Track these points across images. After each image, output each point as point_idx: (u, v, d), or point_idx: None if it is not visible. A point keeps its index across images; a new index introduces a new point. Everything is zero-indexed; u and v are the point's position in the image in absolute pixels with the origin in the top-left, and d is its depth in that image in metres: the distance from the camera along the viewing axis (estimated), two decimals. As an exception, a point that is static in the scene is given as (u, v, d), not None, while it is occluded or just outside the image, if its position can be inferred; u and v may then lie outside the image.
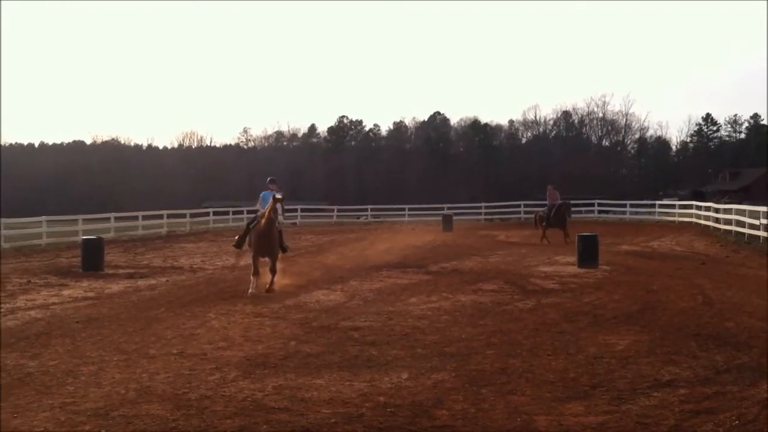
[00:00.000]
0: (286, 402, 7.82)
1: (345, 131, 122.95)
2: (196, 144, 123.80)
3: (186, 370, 9.26)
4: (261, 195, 17.17)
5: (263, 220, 16.15)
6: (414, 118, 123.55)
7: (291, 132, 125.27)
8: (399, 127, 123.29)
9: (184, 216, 44.99)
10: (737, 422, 6.86)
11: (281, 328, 12.06)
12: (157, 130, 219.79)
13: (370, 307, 14.27)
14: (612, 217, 49.95)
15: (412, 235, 36.40)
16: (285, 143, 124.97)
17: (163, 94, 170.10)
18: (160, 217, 42.13)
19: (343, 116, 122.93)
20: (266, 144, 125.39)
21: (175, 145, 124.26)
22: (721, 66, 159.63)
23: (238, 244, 17.58)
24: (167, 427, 7.05)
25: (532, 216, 35.79)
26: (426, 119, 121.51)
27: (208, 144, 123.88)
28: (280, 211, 16.03)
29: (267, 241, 16.21)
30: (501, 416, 7.23)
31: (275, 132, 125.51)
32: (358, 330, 11.85)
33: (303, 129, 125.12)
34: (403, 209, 54.51)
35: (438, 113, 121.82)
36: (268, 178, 17.69)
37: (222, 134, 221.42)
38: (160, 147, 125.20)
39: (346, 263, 22.84)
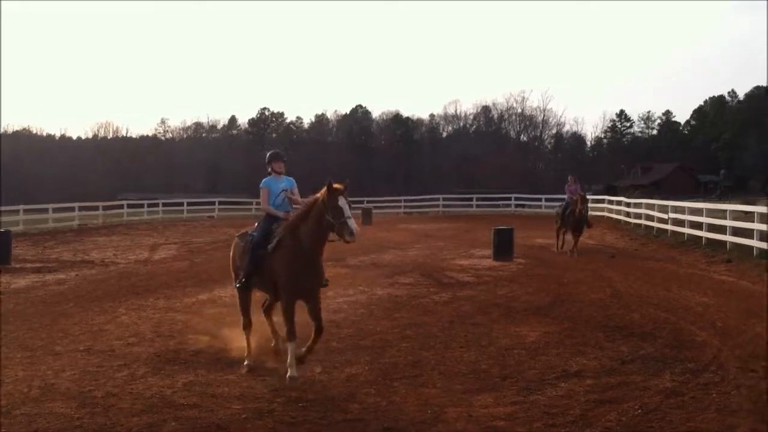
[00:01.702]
0: (196, 398, 7.70)
1: (266, 123, 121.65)
2: (111, 135, 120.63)
3: (93, 367, 9.03)
4: (264, 184, 9.44)
5: (303, 235, 8.44)
6: (336, 110, 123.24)
7: (210, 123, 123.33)
8: (321, 119, 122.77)
9: (97, 209, 43.79)
10: (640, 411, 7.06)
11: (194, 323, 11.86)
12: (71, 120, 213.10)
13: (285, 301, 14.15)
14: (528, 210, 50.87)
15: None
16: (204, 135, 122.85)
17: (78, 83, 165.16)
18: (72, 209, 40.87)
19: (264, 108, 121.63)
20: (185, 136, 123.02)
21: (90, 135, 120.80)
22: (636, 64, 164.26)
23: (246, 283, 9.18)
24: (71, 425, 6.86)
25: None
26: (348, 112, 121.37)
27: (125, 135, 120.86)
28: (346, 211, 8.07)
29: (312, 272, 8.60)
30: (412, 409, 7.28)
31: (194, 123, 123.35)
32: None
33: (223, 121, 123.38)
34: (324, 202, 54.21)
35: (360, 106, 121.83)
36: (270, 154, 9.64)
37: (139, 125, 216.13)
38: (74, 137, 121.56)
39: (263, 257, 22.60)
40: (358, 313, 12.73)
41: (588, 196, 25.33)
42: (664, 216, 28.65)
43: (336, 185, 8.20)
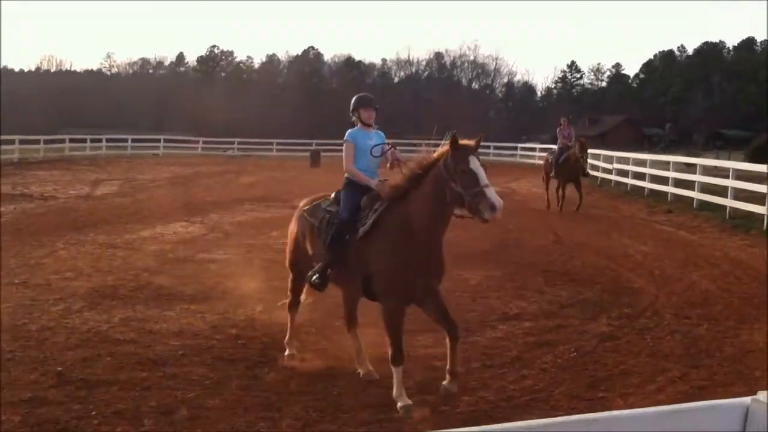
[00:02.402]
0: (133, 334, 7.60)
1: (215, 62, 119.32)
2: (55, 68, 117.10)
3: (28, 300, 8.85)
4: (351, 138, 6.88)
5: (415, 212, 6.15)
6: (287, 52, 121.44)
7: (157, 60, 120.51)
8: (272, 60, 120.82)
9: (38, 142, 42.60)
10: (575, 354, 7.18)
11: (134, 259, 11.69)
12: (12, 52, 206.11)
13: (230, 239, 14.05)
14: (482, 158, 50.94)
15: (279, 170, 36.04)
16: (151, 71, 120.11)
17: (19, 13, 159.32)
18: (12, 142, 39.63)
19: (213, 46, 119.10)
20: (131, 71, 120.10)
21: (33, 68, 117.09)
22: (586, 17, 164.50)
23: (323, 280, 6.77)
24: (2, 358, 6.70)
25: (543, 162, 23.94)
26: (300, 54, 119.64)
27: (68, 69, 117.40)
28: (482, 177, 5.77)
29: (428, 264, 6.29)
30: (351, 348, 7.27)
31: (140, 59, 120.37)
32: (216, 262, 11.66)
33: (170, 57, 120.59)
34: (271, 144, 53.80)
35: (312, 48, 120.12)
36: (358, 98, 7.11)
37: (83, 59, 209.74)
38: (16, 70, 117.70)
39: (208, 196, 22.36)
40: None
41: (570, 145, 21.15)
42: (609, 167, 29.04)
43: (464, 141, 5.93)
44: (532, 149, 49.82)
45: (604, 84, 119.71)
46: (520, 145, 52.59)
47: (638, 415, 2.18)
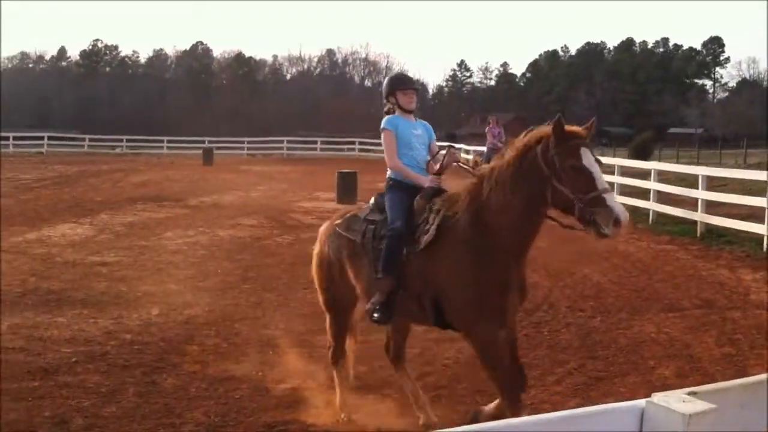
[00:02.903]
0: (22, 341, 7.26)
1: (99, 56, 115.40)
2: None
3: None
4: (389, 125, 5.56)
5: (496, 218, 4.81)
6: (175, 46, 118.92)
7: (38, 54, 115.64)
8: (159, 55, 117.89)
9: None
10: (476, 348, 7.27)
11: (20, 263, 11.17)
12: None
13: (121, 241, 13.62)
14: (373, 155, 51.19)
15: (171, 168, 35.22)
16: (31, 65, 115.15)
17: None
18: None
19: (96, 40, 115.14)
20: (9, 65, 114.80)
21: None
22: (475, 18, 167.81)
23: (387, 312, 5.19)
24: None
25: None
26: (188, 49, 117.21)
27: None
28: (599, 180, 4.49)
29: (511, 283, 4.90)
30: (254, 350, 7.18)
31: (20, 53, 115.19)
32: (107, 265, 11.28)
33: (51, 51, 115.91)
34: (162, 141, 52.52)
35: (200, 43, 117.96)
36: (393, 78, 5.89)
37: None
38: None
39: (96, 195, 21.62)
40: (198, 254, 12.41)
41: None
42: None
43: (571, 128, 4.70)
44: (425, 147, 50.28)
45: (492, 83, 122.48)
46: (413, 142, 52.88)
47: (533, 421, 2.19)
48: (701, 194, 14.87)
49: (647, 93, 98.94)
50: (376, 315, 5.15)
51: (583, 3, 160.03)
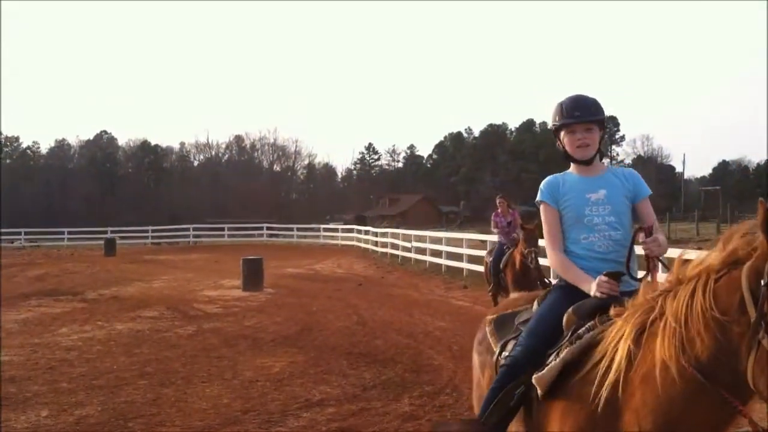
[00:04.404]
0: None
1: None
2: None
3: None
4: (546, 195, 3.83)
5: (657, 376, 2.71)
6: (78, 136, 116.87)
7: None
8: (61, 144, 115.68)
9: None
10: (378, 437, 7.13)
11: None
12: None
13: (12, 339, 12.97)
14: (281, 240, 51.02)
15: (71, 260, 34.14)
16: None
17: None
18: None
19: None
20: None
21: None
22: (381, 102, 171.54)
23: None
24: None
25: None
26: (92, 138, 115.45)
27: None
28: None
29: None
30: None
31: None
32: (-5, 365, 10.67)
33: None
34: (63, 233, 51.09)
35: (105, 132, 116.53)
36: (569, 102, 3.75)
37: None
38: None
39: (-13, 292, 20.68)
40: (93, 350, 11.90)
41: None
42: (408, 245, 30.01)
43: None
44: (335, 230, 50.54)
45: (400, 165, 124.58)
46: (323, 226, 53.21)
47: None
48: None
49: (550, 171, 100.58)
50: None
51: (485, 86, 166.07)
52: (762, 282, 2.38)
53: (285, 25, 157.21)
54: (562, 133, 3.79)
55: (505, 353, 3.62)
